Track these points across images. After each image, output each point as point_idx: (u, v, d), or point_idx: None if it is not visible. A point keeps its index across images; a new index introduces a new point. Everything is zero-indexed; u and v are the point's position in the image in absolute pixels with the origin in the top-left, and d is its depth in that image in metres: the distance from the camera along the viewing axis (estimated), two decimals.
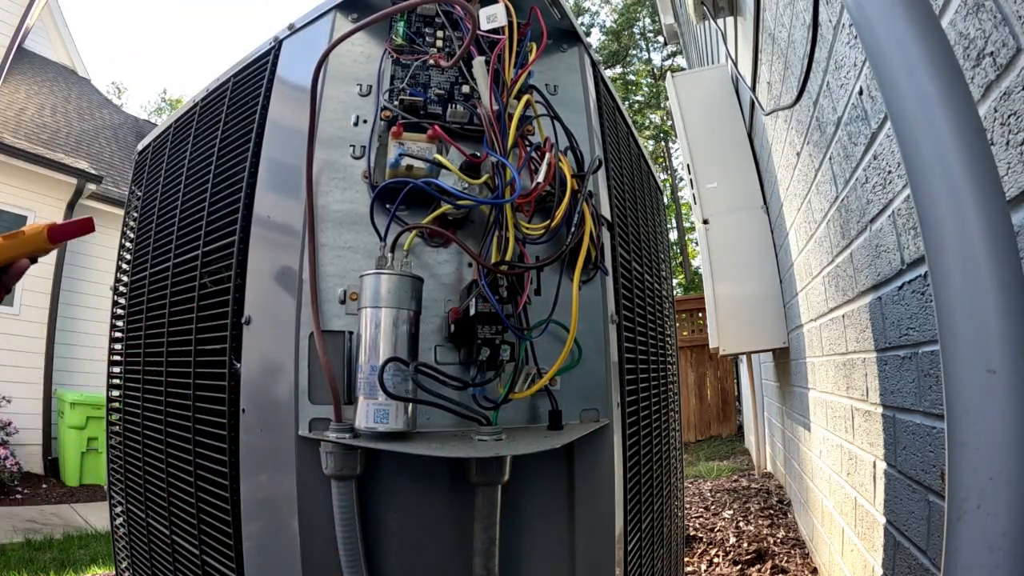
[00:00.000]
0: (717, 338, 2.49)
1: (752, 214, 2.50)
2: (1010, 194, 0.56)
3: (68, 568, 2.65)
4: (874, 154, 0.95)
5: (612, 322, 0.72)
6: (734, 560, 1.94)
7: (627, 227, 0.88)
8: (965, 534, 0.37)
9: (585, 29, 1.73)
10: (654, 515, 0.94)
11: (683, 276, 16.83)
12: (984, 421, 0.37)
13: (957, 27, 0.64)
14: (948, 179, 0.40)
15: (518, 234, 0.62)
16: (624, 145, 0.98)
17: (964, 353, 0.38)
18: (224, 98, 0.87)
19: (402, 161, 0.63)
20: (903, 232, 0.86)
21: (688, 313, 6.24)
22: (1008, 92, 0.56)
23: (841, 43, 1.03)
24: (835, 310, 1.40)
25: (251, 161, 0.75)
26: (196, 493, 0.76)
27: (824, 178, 1.34)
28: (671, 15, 4.62)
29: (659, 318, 1.08)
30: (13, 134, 5.87)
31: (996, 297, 0.38)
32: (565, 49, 0.81)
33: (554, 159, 0.62)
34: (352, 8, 0.75)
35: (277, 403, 0.65)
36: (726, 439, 5.67)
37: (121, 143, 7.76)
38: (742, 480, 3.29)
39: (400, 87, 0.70)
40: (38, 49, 7.94)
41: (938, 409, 0.79)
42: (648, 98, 17.69)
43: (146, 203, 1.06)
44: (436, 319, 0.65)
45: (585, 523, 0.67)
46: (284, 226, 0.68)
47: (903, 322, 0.90)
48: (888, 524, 1.02)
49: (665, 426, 1.09)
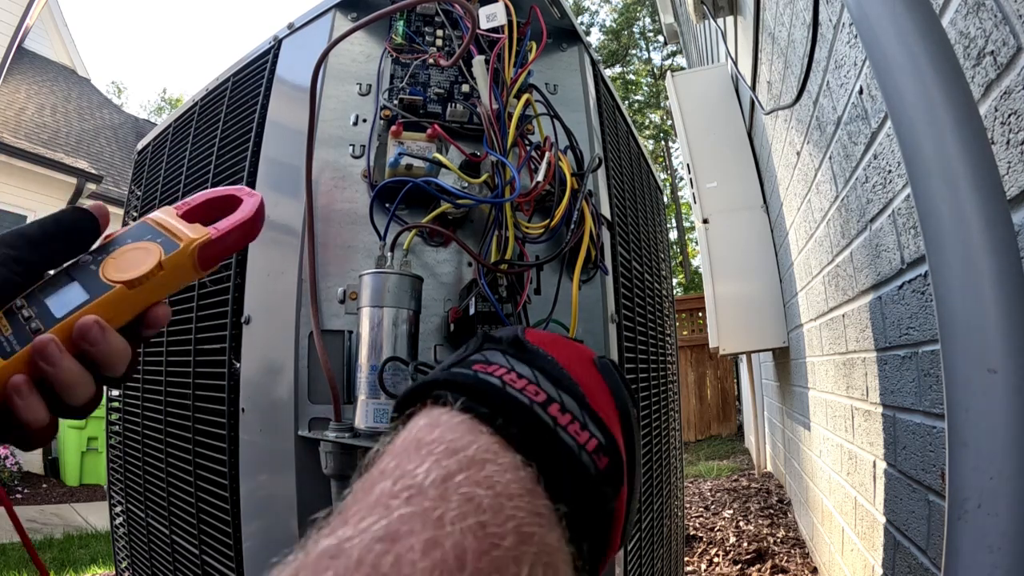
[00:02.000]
0: (717, 338, 2.49)
1: (752, 214, 2.50)
2: (1010, 193, 0.56)
3: (68, 568, 2.65)
4: (874, 153, 0.95)
5: (612, 321, 0.72)
6: (734, 560, 1.94)
7: (627, 226, 0.88)
8: (965, 534, 0.37)
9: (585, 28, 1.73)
10: (654, 514, 0.94)
11: (683, 276, 16.82)
12: (985, 420, 0.37)
13: (957, 26, 0.64)
14: (948, 178, 0.40)
15: (518, 233, 0.62)
16: (624, 144, 0.97)
17: (964, 352, 0.38)
18: (224, 97, 0.87)
19: (402, 160, 0.63)
20: (903, 231, 0.86)
21: (688, 313, 6.24)
22: (1008, 91, 0.56)
23: (841, 42, 1.02)
24: (835, 309, 1.40)
25: (250, 160, 0.75)
26: (196, 493, 0.76)
27: (824, 177, 1.33)
28: (671, 14, 4.62)
29: (659, 318, 1.08)
30: (13, 134, 5.87)
31: (996, 297, 0.38)
32: (565, 48, 0.81)
33: (554, 158, 0.62)
34: (352, 7, 0.75)
35: (277, 403, 0.65)
36: (726, 439, 5.67)
37: (121, 143, 7.76)
38: (742, 480, 3.29)
39: (400, 86, 0.70)
40: (38, 49, 7.94)
41: (938, 409, 0.79)
42: (648, 98, 17.68)
43: (146, 202, 1.06)
44: (436, 318, 0.65)
45: None
46: (283, 225, 0.68)
47: (903, 321, 0.90)
48: (888, 524, 1.02)
49: (665, 426, 1.09)
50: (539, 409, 0.22)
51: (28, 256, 0.35)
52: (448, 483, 0.18)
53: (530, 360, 0.25)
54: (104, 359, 0.34)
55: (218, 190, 0.43)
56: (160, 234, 0.38)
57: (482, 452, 0.20)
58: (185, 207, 0.41)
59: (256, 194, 0.42)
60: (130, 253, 0.37)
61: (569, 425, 0.22)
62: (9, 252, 0.35)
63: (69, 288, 0.35)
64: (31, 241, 0.36)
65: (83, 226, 0.38)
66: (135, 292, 0.35)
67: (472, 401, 0.23)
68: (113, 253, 0.37)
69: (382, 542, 0.16)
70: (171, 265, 0.36)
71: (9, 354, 0.32)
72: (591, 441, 0.22)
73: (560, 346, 0.28)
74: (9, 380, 0.32)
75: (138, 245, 0.37)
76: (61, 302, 0.34)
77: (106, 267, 0.36)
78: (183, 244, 0.37)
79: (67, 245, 0.37)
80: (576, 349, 0.29)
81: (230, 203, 0.42)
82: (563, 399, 0.23)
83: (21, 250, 0.35)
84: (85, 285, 0.35)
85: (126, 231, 0.39)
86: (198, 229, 0.38)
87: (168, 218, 0.39)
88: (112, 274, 0.35)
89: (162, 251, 0.36)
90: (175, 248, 0.37)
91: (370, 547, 0.16)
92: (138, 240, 0.38)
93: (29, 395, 0.32)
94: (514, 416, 0.22)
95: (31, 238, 0.36)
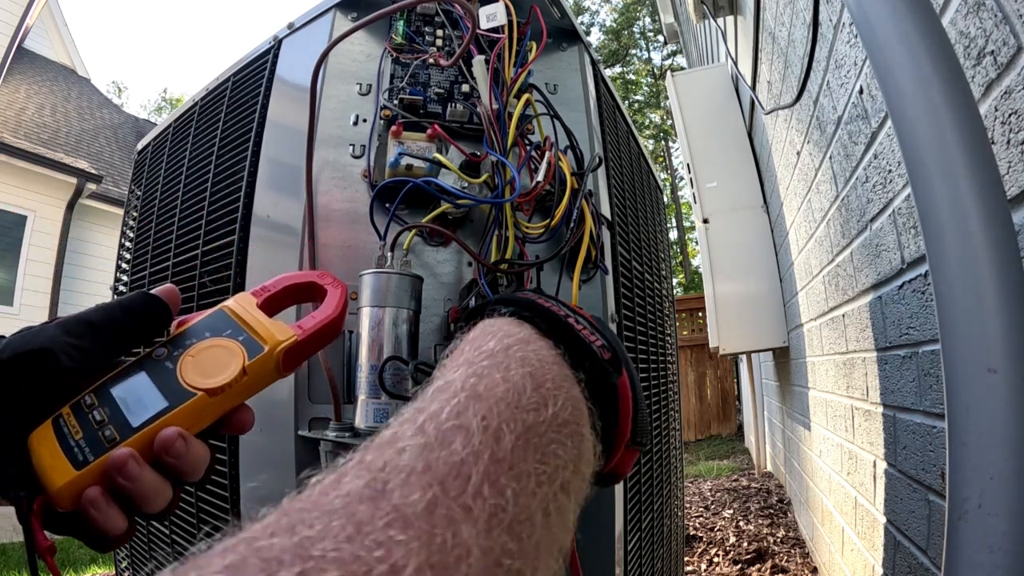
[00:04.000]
0: (717, 337, 2.49)
1: (752, 213, 2.50)
2: (1011, 193, 0.56)
3: (68, 568, 2.65)
4: (874, 153, 0.95)
5: (612, 321, 0.72)
6: (734, 559, 1.94)
7: (627, 226, 0.88)
8: (965, 534, 0.37)
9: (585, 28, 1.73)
10: (654, 514, 0.94)
11: (683, 275, 16.83)
12: (985, 420, 0.37)
13: (957, 26, 0.64)
14: (949, 178, 0.40)
15: (518, 233, 0.62)
16: (624, 144, 0.97)
17: (964, 352, 0.38)
18: (224, 97, 0.87)
19: (402, 160, 0.63)
20: (903, 231, 0.86)
21: (688, 312, 6.24)
22: (1009, 91, 0.56)
23: (841, 42, 1.02)
24: (835, 309, 1.40)
25: (250, 160, 0.75)
26: (196, 492, 0.76)
27: (824, 177, 1.33)
28: (671, 14, 4.62)
29: (659, 317, 1.08)
30: (13, 134, 5.87)
31: (996, 296, 0.38)
32: (565, 48, 0.81)
33: (554, 158, 0.62)
34: (352, 7, 0.75)
35: (277, 402, 0.65)
36: (726, 438, 5.67)
37: (121, 143, 7.77)
38: (742, 479, 3.29)
39: (400, 86, 0.70)
40: (38, 49, 7.94)
41: (938, 408, 0.79)
42: (648, 97, 17.68)
43: (146, 202, 1.06)
44: (436, 318, 0.65)
45: (585, 522, 0.67)
46: (284, 225, 0.68)
47: (903, 321, 0.90)
48: (888, 523, 1.02)
49: (665, 425, 1.09)
50: (563, 318, 0.32)
51: (92, 346, 0.33)
52: (509, 350, 0.28)
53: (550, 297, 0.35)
54: (186, 470, 0.32)
55: (299, 276, 0.41)
56: (241, 330, 0.35)
57: (529, 336, 0.30)
58: (264, 294, 0.39)
59: (340, 283, 0.41)
60: (210, 351, 0.34)
61: (583, 330, 0.32)
62: (70, 341, 0.32)
63: (144, 389, 0.33)
64: (95, 329, 0.34)
65: (154, 313, 0.35)
66: (217, 400, 0.33)
67: (520, 310, 0.33)
68: (191, 350, 0.34)
69: (473, 377, 0.25)
70: (255, 371, 0.34)
71: (82, 464, 0.30)
72: (598, 341, 0.31)
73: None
74: (84, 493, 0.30)
75: (218, 343, 0.35)
76: (137, 406, 0.32)
77: (184, 367, 0.34)
78: (268, 348, 0.35)
79: (135, 335, 0.35)
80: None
81: (311, 291, 0.40)
82: (577, 317, 0.33)
83: (84, 339, 0.33)
84: (162, 388, 0.33)
85: (202, 320, 0.37)
86: (282, 329, 0.36)
87: (248, 309, 0.37)
88: (193, 378, 0.33)
89: (245, 354, 0.34)
90: (259, 352, 0.34)
91: (465, 380, 0.25)
92: (217, 335, 0.35)
93: (107, 508, 0.30)
94: (549, 320, 0.32)
95: (95, 326, 0.34)
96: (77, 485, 0.30)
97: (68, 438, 0.31)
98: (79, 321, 0.34)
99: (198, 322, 0.37)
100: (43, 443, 0.31)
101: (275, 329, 0.36)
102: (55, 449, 0.31)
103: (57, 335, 0.32)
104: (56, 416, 0.32)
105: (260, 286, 0.39)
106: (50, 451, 0.31)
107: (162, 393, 0.33)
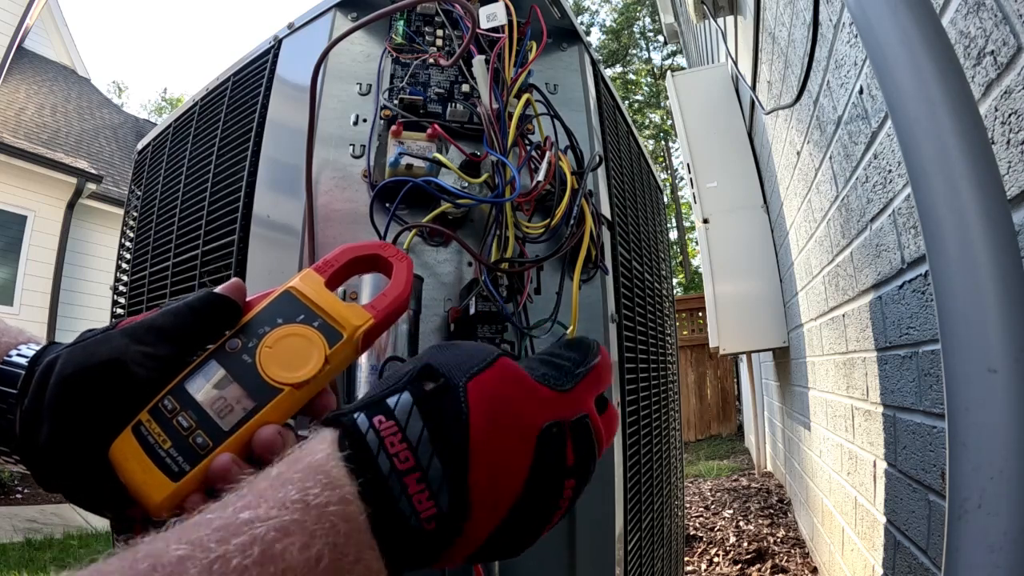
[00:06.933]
0: (717, 337, 2.49)
1: (752, 213, 2.50)
2: (1011, 193, 0.56)
3: (68, 568, 2.65)
4: (874, 153, 0.95)
5: (612, 321, 0.72)
6: (734, 559, 1.94)
7: (627, 226, 0.88)
8: (966, 534, 0.37)
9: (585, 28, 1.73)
10: (654, 514, 0.94)
11: (683, 275, 16.83)
12: (985, 420, 0.37)
13: (958, 26, 0.64)
14: (949, 178, 0.40)
15: (518, 233, 0.62)
16: (624, 144, 0.97)
17: (964, 352, 0.38)
18: (224, 97, 0.87)
19: (402, 160, 0.63)
20: (903, 231, 0.86)
21: (688, 312, 6.24)
22: (1009, 91, 0.56)
23: (841, 42, 1.02)
24: (835, 309, 1.40)
25: (251, 160, 0.75)
26: None
27: (824, 177, 1.34)
28: (671, 14, 4.62)
29: (659, 317, 1.08)
30: (13, 134, 5.87)
31: (996, 296, 0.38)
32: (565, 48, 0.81)
33: (554, 158, 0.62)
34: (352, 7, 0.75)
35: None
36: (726, 438, 5.67)
37: (121, 143, 7.77)
38: (742, 479, 3.29)
39: (400, 86, 0.70)
40: (38, 49, 7.94)
41: (938, 408, 0.79)
42: (648, 97, 17.68)
43: (146, 202, 1.06)
44: (436, 318, 0.65)
45: (585, 522, 0.66)
46: (284, 225, 0.68)
47: (903, 321, 0.90)
48: (888, 523, 1.02)
49: (665, 425, 1.09)
50: (395, 479, 0.27)
51: (162, 352, 0.32)
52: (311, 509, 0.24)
53: (434, 415, 0.29)
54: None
55: (361, 247, 0.39)
56: (315, 315, 0.34)
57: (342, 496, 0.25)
58: (329, 269, 0.37)
59: (404, 256, 0.39)
60: (288, 341, 0.33)
61: (416, 494, 0.27)
62: (140, 348, 0.31)
63: (227, 388, 0.32)
64: (163, 334, 0.33)
65: (224, 313, 0.34)
66: (302, 392, 0.32)
67: (353, 450, 0.27)
68: (266, 340, 0.33)
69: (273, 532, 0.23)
70: (336, 358, 0.33)
71: (179, 475, 0.29)
72: (431, 510, 0.27)
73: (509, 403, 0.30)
74: (186, 503, 0.29)
75: (294, 331, 0.34)
76: (223, 407, 0.31)
77: (264, 360, 0.33)
78: (347, 335, 0.34)
79: (206, 336, 0.34)
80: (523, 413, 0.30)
81: (374, 263, 0.39)
82: (431, 467, 0.27)
83: (154, 346, 0.32)
84: (246, 385, 0.32)
85: (270, 304, 0.35)
86: (356, 311, 0.35)
87: (317, 290, 0.35)
88: (275, 371, 0.32)
89: (325, 343, 0.33)
90: (339, 339, 0.34)
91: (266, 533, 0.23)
92: (290, 321, 0.34)
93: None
94: (371, 475, 0.26)
95: (163, 331, 0.33)
96: (177, 496, 0.29)
97: (156, 448, 0.30)
98: (148, 328, 0.33)
99: (266, 307, 0.35)
100: (130, 457, 0.30)
101: (349, 312, 0.35)
102: (145, 462, 0.30)
103: (125, 344, 0.31)
104: (135, 424, 0.31)
105: (323, 260, 0.37)
106: (140, 465, 0.30)
107: (246, 390, 0.32)
